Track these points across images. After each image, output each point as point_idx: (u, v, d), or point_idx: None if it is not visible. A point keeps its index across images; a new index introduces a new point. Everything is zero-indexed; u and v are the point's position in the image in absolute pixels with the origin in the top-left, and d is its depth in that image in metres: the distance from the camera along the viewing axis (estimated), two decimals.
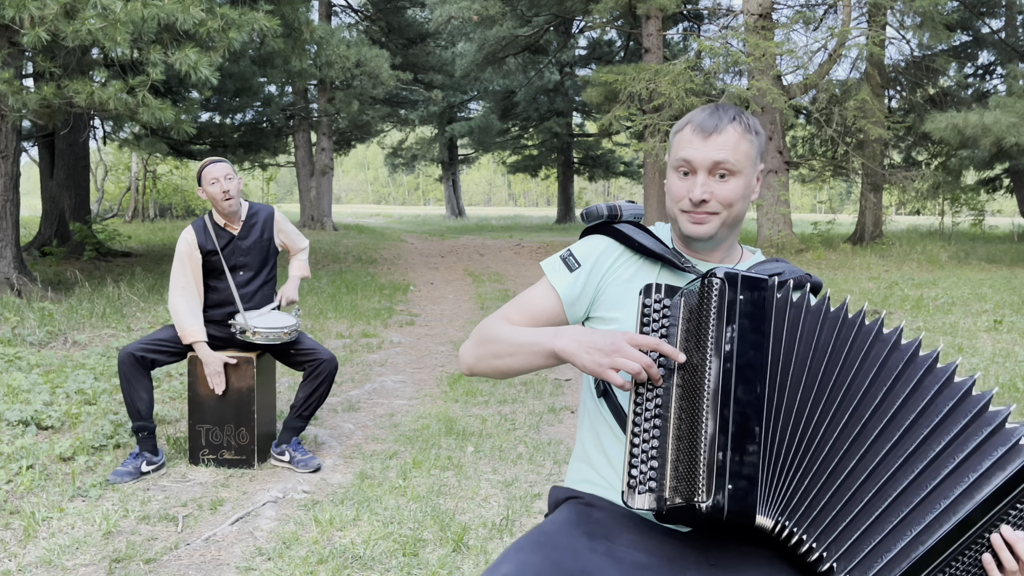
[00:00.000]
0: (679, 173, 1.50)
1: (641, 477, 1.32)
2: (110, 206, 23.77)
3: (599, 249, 1.60)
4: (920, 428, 1.29)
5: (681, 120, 1.54)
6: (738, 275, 1.32)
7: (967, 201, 19.60)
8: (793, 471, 1.29)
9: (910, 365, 1.32)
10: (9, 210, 8.15)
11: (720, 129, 1.46)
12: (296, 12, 10.15)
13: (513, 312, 1.63)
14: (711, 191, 1.46)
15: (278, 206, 35.62)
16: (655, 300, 1.38)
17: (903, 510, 1.26)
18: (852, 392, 1.31)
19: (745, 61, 13.65)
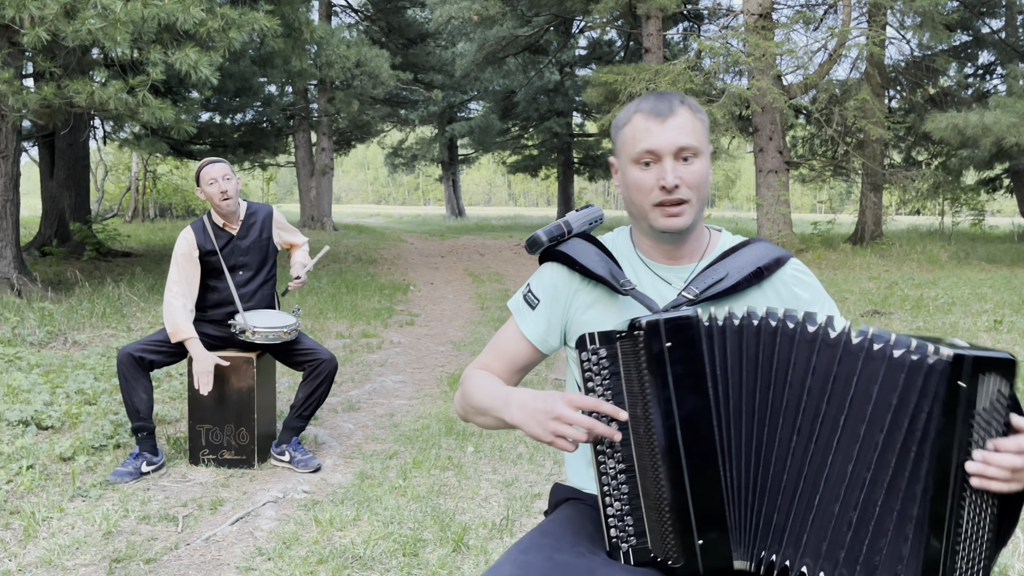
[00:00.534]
0: (640, 166, 1.42)
1: (622, 535, 1.31)
2: (110, 206, 23.77)
3: (553, 279, 1.54)
4: (845, 411, 1.24)
5: (623, 114, 1.47)
6: (659, 323, 1.25)
7: (967, 201, 19.59)
8: (760, 502, 1.26)
9: (833, 358, 1.26)
10: (9, 210, 8.15)
11: (674, 111, 1.40)
12: (296, 12, 10.15)
13: (491, 359, 1.59)
14: (680, 175, 1.40)
15: (278, 206, 35.65)
16: (592, 352, 1.31)
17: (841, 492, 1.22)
18: (793, 405, 1.26)
19: (745, 61, 13.65)
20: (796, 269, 1.52)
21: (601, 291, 1.50)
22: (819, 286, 1.52)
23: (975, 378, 1.16)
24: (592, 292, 1.51)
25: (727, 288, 1.43)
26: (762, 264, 1.47)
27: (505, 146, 32.02)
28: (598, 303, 1.50)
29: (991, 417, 1.18)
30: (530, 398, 1.34)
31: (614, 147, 1.50)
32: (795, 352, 1.25)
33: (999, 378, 1.16)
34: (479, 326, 7.69)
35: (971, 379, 1.16)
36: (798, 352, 1.25)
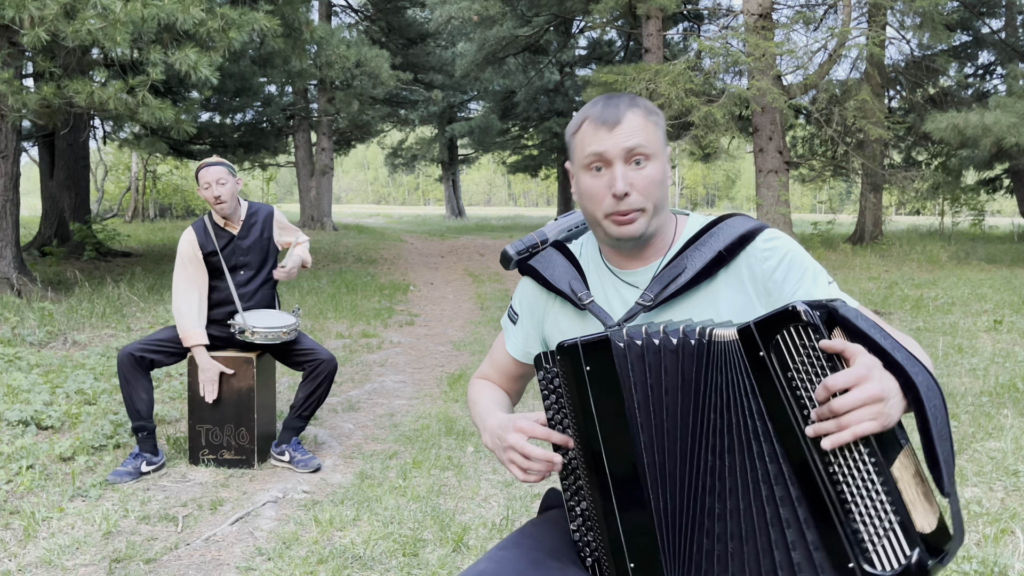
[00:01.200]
0: (591, 171, 1.36)
1: (586, 551, 1.33)
2: (110, 206, 23.77)
3: (528, 293, 1.55)
4: (726, 421, 1.19)
5: (573, 120, 1.42)
6: (576, 346, 1.23)
7: (967, 201, 19.59)
8: (691, 525, 1.22)
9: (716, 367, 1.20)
10: (9, 210, 8.15)
11: (621, 116, 1.34)
12: (296, 12, 10.15)
13: (489, 368, 1.65)
14: (630, 181, 1.34)
15: (278, 206, 35.63)
16: (546, 371, 1.30)
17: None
18: (708, 422, 1.20)
19: (745, 61, 13.65)
20: (767, 241, 1.39)
21: (563, 303, 1.50)
22: (795, 256, 1.38)
23: (772, 341, 1.09)
24: (560, 305, 1.50)
25: (685, 284, 1.37)
26: (724, 247, 1.38)
27: (505, 146, 32.03)
28: (568, 316, 1.49)
29: (810, 368, 1.08)
30: (496, 424, 1.37)
31: (568, 154, 1.45)
32: (706, 368, 1.20)
33: (799, 328, 1.08)
34: (479, 326, 7.69)
35: (769, 344, 1.09)
36: (709, 368, 1.19)
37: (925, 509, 1.06)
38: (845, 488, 1.06)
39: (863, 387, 1.03)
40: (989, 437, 4.01)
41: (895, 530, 1.03)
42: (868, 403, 1.03)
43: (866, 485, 1.05)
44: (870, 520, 1.05)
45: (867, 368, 1.05)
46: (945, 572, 2.61)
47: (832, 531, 1.07)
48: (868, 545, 1.05)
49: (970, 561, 2.64)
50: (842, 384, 1.04)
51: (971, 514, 3.09)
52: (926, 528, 1.04)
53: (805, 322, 1.08)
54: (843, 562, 1.07)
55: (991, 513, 3.09)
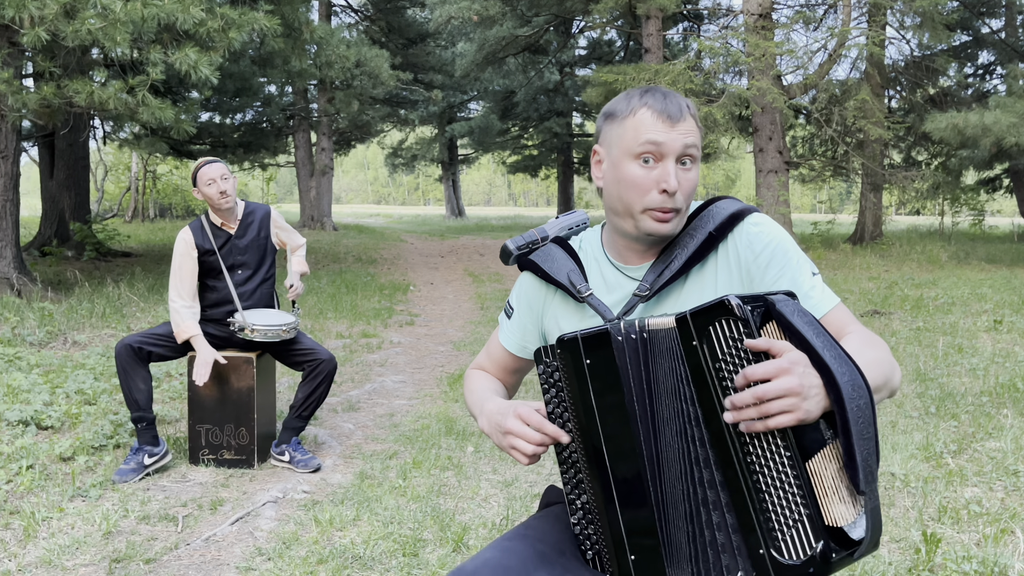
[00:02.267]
0: (639, 161, 1.33)
1: (586, 543, 1.33)
2: (110, 206, 23.78)
3: (526, 288, 1.55)
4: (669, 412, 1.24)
5: (621, 103, 1.37)
6: (576, 339, 1.25)
7: (967, 201, 19.59)
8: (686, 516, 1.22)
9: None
10: (9, 210, 8.15)
11: (684, 116, 1.34)
12: (296, 12, 10.15)
13: (485, 360, 1.66)
14: (679, 181, 1.33)
15: (278, 206, 35.63)
16: (546, 365, 1.31)
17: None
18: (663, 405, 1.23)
19: (745, 61, 13.65)
20: (754, 225, 1.38)
21: (563, 297, 1.50)
22: (780, 243, 1.37)
23: (704, 332, 1.13)
24: (560, 299, 1.50)
25: (679, 270, 1.36)
26: (714, 227, 1.37)
27: (505, 146, 32.02)
28: (567, 310, 1.49)
29: (739, 363, 1.11)
30: (495, 410, 1.38)
31: (602, 136, 1.40)
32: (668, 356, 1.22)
33: (729, 321, 1.11)
34: (479, 326, 7.69)
35: (701, 335, 1.13)
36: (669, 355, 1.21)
37: (844, 504, 1.08)
38: (761, 478, 1.10)
39: (781, 380, 1.05)
40: (989, 437, 4.01)
41: (803, 522, 1.07)
42: (784, 395, 1.05)
43: (780, 476, 1.08)
44: (781, 510, 1.09)
45: (789, 362, 1.06)
46: (945, 572, 2.61)
47: (748, 517, 1.12)
48: (778, 534, 1.09)
49: (970, 561, 2.64)
50: (760, 374, 1.06)
51: (971, 514, 3.09)
52: (839, 522, 1.07)
53: (737, 316, 1.10)
54: (756, 548, 1.12)
55: (991, 513, 3.09)
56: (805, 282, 1.35)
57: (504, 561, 1.27)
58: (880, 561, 2.69)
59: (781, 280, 1.35)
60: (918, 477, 3.47)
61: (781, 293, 1.17)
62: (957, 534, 2.93)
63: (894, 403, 4.66)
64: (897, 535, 2.92)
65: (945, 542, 2.84)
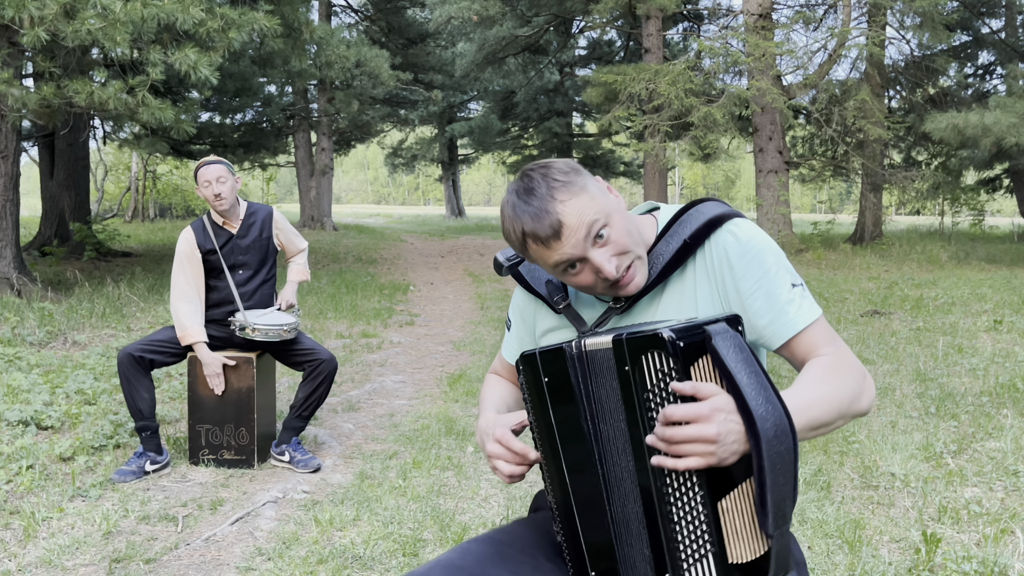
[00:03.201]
0: (567, 274, 1.30)
1: (565, 551, 1.33)
2: (110, 206, 23.79)
3: (518, 300, 1.56)
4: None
5: (510, 230, 1.30)
6: (534, 355, 1.24)
7: (967, 201, 19.60)
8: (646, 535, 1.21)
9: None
10: (9, 210, 8.15)
11: (556, 221, 1.25)
12: (296, 12, 10.15)
13: (499, 365, 1.67)
14: (610, 255, 1.27)
15: (278, 206, 35.62)
16: (521, 375, 1.30)
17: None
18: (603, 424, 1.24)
19: (745, 61, 13.65)
20: (733, 231, 1.33)
21: (547, 308, 1.49)
22: (760, 251, 1.31)
23: (637, 359, 1.12)
24: (547, 310, 1.50)
25: (654, 280, 1.33)
26: (689, 235, 1.32)
27: (505, 146, 32.04)
28: (551, 320, 1.49)
29: (664, 396, 1.12)
30: (482, 429, 1.40)
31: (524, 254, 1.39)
32: (610, 377, 1.22)
33: (660, 355, 1.11)
34: (479, 326, 7.69)
35: (634, 361, 1.13)
36: (610, 376, 1.21)
37: (750, 541, 1.13)
38: (674, 510, 1.13)
39: (699, 426, 1.06)
40: (989, 437, 4.01)
41: (708, 558, 1.12)
42: (699, 441, 1.06)
43: (692, 512, 1.13)
44: (689, 543, 1.13)
45: (711, 408, 1.07)
46: (945, 572, 2.61)
47: (659, 543, 1.16)
48: (683, 563, 1.14)
49: (970, 561, 2.64)
50: (679, 416, 1.07)
51: (971, 514, 3.09)
52: (742, 559, 1.12)
53: (667, 352, 1.10)
54: (662, 573, 1.17)
55: (991, 513, 3.09)
56: (782, 295, 1.30)
57: (458, 561, 1.27)
58: (880, 561, 2.69)
59: (756, 293, 1.30)
60: (918, 477, 3.47)
61: (723, 321, 1.16)
62: (957, 534, 2.93)
63: (894, 403, 4.66)
64: (897, 535, 2.92)
65: (945, 542, 2.84)
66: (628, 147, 26.14)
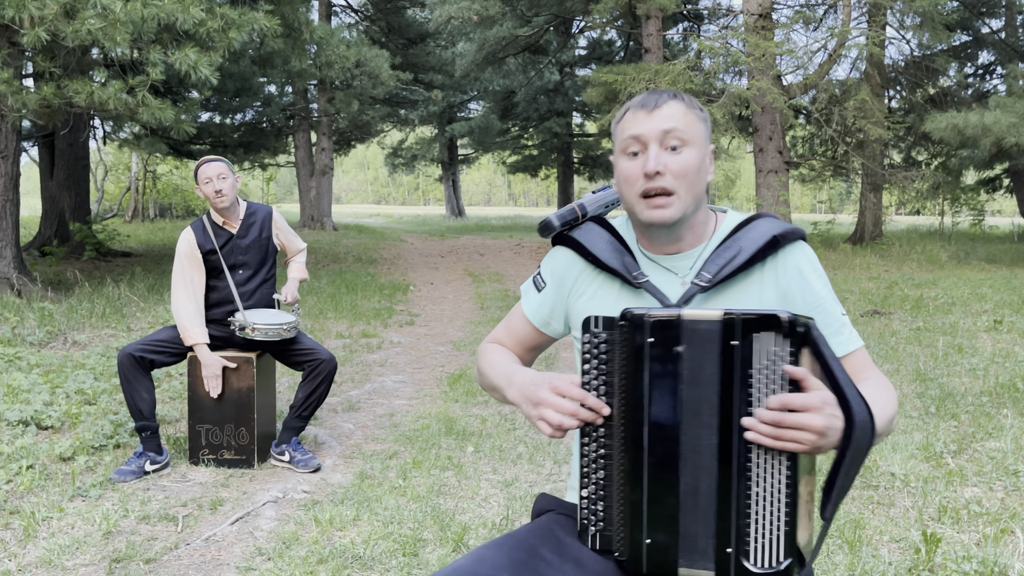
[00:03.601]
0: (628, 155, 1.40)
1: (591, 519, 1.31)
2: (110, 206, 23.79)
3: (561, 264, 1.54)
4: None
5: (618, 112, 1.46)
6: (643, 317, 1.24)
7: (967, 201, 19.59)
8: (707, 510, 1.22)
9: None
10: (9, 210, 8.15)
11: (661, 103, 1.38)
12: (296, 12, 10.15)
13: (503, 334, 1.63)
14: (664, 163, 1.36)
15: (278, 206, 35.61)
16: (593, 335, 1.29)
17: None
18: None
19: (745, 61, 13.65)
20: (805, 248, 1.45)
21: (605, 279, 1.49)
22: (820, 278, 1.43)
23: (748, 336, 1.17)
24: (595, 279, 1.50)
25: (741, 264, 1.39)
26: (778, 232, 1.41)
27: (505, 146, 32.04)
28: (602, 291, 1.49)
29: (771, 377, 1.16)
30: (527, 380, 1.36)
31: (613, 141, 1.49)
32: (712, 352, 1.24)
33: (775, 336, 1.15)
34: (479, 326, 7.69)
35: (744, 337, 1.17)
36: (713, 351, 1.23)
37: (806, 526, 1.19)
38: (753, 487, 1.18)
39: (809, 416, 1.12)
40: (989, 437, 4.01)
41: (780, 537, 1.17)
42: (807, 430, 1.12)
43: (772, 491, 1.17)
44: (762, 521, 1.18)
45: (822, 401, 1.13)
46: (945, 572, 2.61)
47: (726, 515, 1.19)
48: (750, 540, 1.18)
49: (970, 561, 2.64)
50: (798, 405, 1.13)
51: (971, 514, 3.09)
52: (802, 542, 1.18)
53: (785, 334, 1.15)
54: (724, 545, 1.19)
55: (991, 513, 3.09)
56: (835, 320, 1.42)
57: (475, 569, 1.27)
58: (880, 561, 2.69)
59: (817, 309, 1.41)
60: (918, 477, 3.47)
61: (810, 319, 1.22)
62: (957, 534, 2.93)
63: None
64: (897, 535, 2.92)
65: (945, 542, 2.84)
66: None
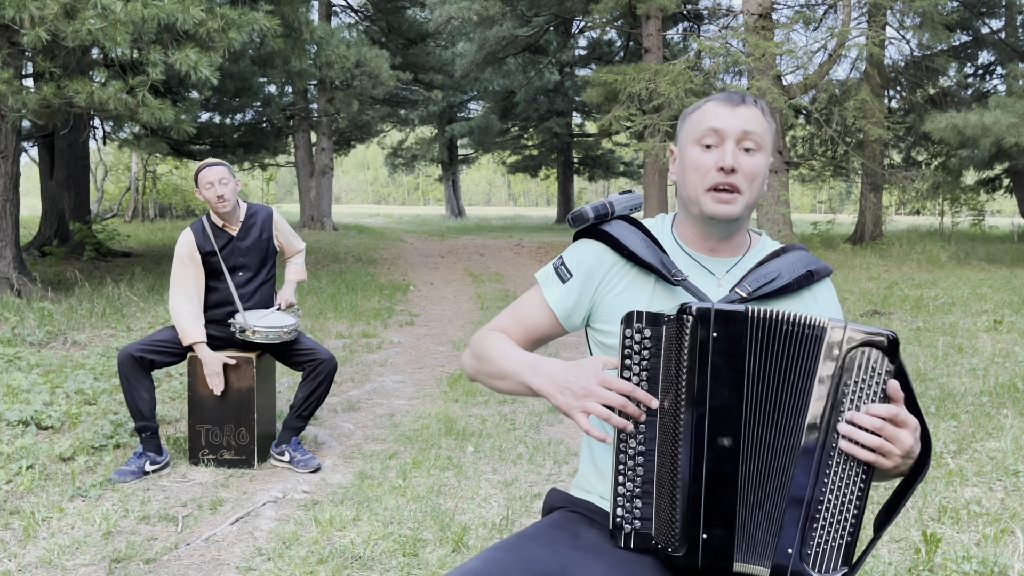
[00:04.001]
0: (701, 146, 1.42)
1: (627, 516, 1.30)
2: (110, 206, 23.78)
3: (591, 257, 1.50)
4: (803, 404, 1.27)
5: (693, 105, 1.49)
6: (711, 311, 1.23)
7: (967, 201, 19.61)
8: (771, 507, 1.24)
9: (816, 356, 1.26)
10: (9, 210, 8.15)
11: (746, 103, 1.42)
12: (296, 12, 10.15)
13: (509, 323, 1.56)
14: (739, 161, 1.40)
15: (277, 206, 35.60)
16: (636, 331, 1.27)
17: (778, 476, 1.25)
18: (798, 411, 1.24)
19: (745, 61, 13.64)
20: (831, 285, 1.54)
21: (638, 274, 1.47)
22: (838, 310, 1.53)
23: (851, 348, 1.21)
24: (626, 276, 1.48)
25: (782, 287, 1.43)
26: (813, 268, 1.48)
27: (505, 146, 32.05)
28: (634, 286, 1.47)
29: (867, 391, 1.21)
30: (562, 370, 1.32)
31: (677, 136, 1.51)
32: (802, 355, 1.24)
33: (878, 354, 1.20)
34: (479, 326, 7.70)
35: (850, 350, 1.21)
36: (803, 355, 1.24)
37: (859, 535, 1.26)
38: (827, 492, 1.21)
39: (906, 434, 1.20)
40: (989, 437, 4.01)
41: (841, 547, 1.21)
42: (897, 445, 1.20)
43: (843, 501, 1.21)
44: (828, 527, 1.21)
45: (915, 424, 1.23)
46: (945, 572, 2.61)
47: (795, 519, 1.22)
48: (813, 544, 1.21)
49: (970, 561, 2.64)
50: (900, 420, 1.20)
51: (971, 514, 3.09)
52: (855, 554, 1.24)
53: (889, 354, 1.21)
54: (786, 547, 1.23)
55: (991, 513, 3.09)
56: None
57: (485, 571, 1.24)
58: (880, 561, 2.69)
59: None
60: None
61: None
62: (957, 534, 2.93)
63: None
64: (897, 535, 2.92)
65: (945, 542, 2.84)
66: (628, 147, 26.15)
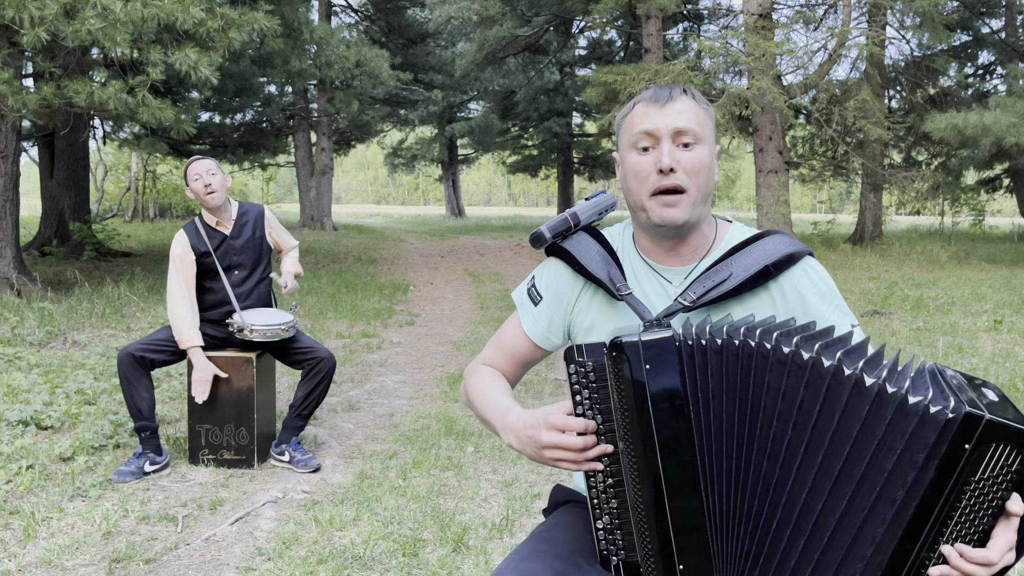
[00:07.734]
0: (637, 151, 1.36)
1: (612, 548, 1.29)
2: (110, 206, 23.79)
3: (556, 277, 1.49)
4: (853, 445, 1.12)
5: (625, 107, 1.42)
6: (637, 344, 1.17)
7: (967, 201, 19.60)
8: (744, 532, 1.21)
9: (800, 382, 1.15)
10: (9, 210, 8.15)
11: (674, 98, 1.35)
12: (296, 12, 10.15)
13: (495, 352, 1.57)
14: (677, 159, 1.33)
15: (278, 206, 35.59)
16: (579, 365, 1.24)
17: (825, 535, 1.15)
18: (766, 430, 1.18)
19: (745, 61, 13.64)
20: (808, 268, 1.40)
21: (602, 293, 1.45)
22: (830, 290, 1.40)
23: (985, 444, 1.04)
24: (595, 293, 1.46)
25: (729, 291, 1.34)
26: (771, 262, 1.36)
27: (505, 146, 32.03)
28: (598, 305, 1.45)
29: (989, 490, 1.07)
30: (521, 425, 1.32)
31: (617, 143, 1.45)
32: (768, 374, 1.17)
33: (1012, 449, 1.04)
34: (479, 326, 7.69)
35: (979, 444, 1.04)
36: (770, 374, 1.16)
37: None
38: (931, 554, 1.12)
39: (986, 571, 1.09)
40: None
41: None
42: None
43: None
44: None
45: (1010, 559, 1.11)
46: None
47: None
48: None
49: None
50: (979, 559, 1.09)
51: None
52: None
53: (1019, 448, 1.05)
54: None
55: None
56: (846, 331, 1.36)
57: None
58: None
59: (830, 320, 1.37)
60: None
61: None
62: None
63: None
64: None
65: None
66: None
